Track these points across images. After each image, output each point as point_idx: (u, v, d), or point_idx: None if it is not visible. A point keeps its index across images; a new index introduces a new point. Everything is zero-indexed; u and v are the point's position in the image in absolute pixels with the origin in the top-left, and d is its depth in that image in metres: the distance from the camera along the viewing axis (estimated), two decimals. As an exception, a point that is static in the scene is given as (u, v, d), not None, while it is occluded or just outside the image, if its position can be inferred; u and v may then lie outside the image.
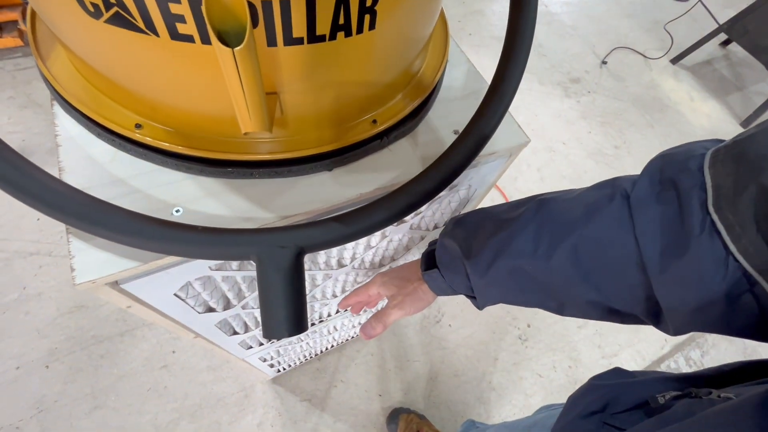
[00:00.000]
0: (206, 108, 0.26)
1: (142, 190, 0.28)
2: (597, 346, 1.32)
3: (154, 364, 1.07)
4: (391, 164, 0.33)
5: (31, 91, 1.43)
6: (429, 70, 0.36)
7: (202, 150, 0.28)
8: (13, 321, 1.06)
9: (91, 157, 0.28)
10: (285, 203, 0.29)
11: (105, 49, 0.24)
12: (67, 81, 0.29)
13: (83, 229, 0.23)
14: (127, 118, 0.28)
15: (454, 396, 1.16)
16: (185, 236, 0.24)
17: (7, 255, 1.14)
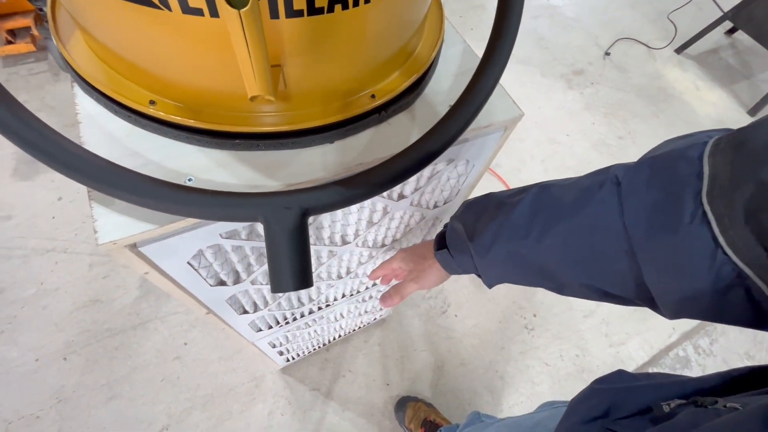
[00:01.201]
0: (215, 83, 0.28)
1: (157, 161, 0.30)
2: (604, 335, 1.32)
3: (167, 355, 1.10)
4: (390, 137, 0.35)
5: (44, 94, 1.47)
6: (425, 49, 0.38)
7: (212, 123, 0.29)
8: (32, 315, 1.10)
9: (109, 133, 0.30)
10: (289, 173, 0.31)
11: (121, 28, 0.26)
12: (85, 63, 0.31)
13: (104, 191, 0.25)
14: (141, 95, 0.30)
15: (461, 384, 1.17)
16: (197, 198, 0.26)
17: (25, 252, 1.18)
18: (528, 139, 1.72)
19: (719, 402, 0.28)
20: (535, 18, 2.22)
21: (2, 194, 1.25)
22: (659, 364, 1.30)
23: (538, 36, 2.13)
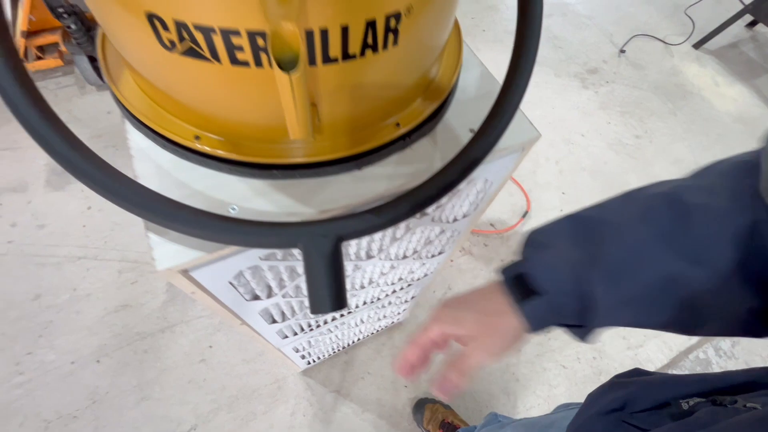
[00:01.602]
0: (255, 120, 0.31)
1: (202, 191, 0.33)
2: (621, 337, 1.31)
3: (193, 358, 1.14)
4: (413, 162, 0.37)
5: (71, 107, 1.54)
6: (445, 75, 0.40)
7: (251, 156, 0.32)
8: (67, 320, 1.15)
9: (158, 165, 0.33)
10: (322, 198, 0.33)
11: (173, 75, 0.28)
12: (135, 101, 0.34)
13: (162, 225, 0.28)
14: (187, 131, 0.33)
15: (478, 386, 1.18)
16: (244, 228, 0.28)
17: (58, 259, 1.23)
18: (542, 141, 1.71)
19: (739, 401, 0.28)
20: (548, 17, 2.20)
21: (36, 204, 1.32)
22: (679, 366, 1.29)
23: (551, 35, 2.12)
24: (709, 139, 1.84)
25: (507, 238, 1.45)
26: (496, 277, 0.35)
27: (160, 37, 0.25)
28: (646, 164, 1.71)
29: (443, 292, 1.32)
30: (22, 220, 1.29)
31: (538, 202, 1.54)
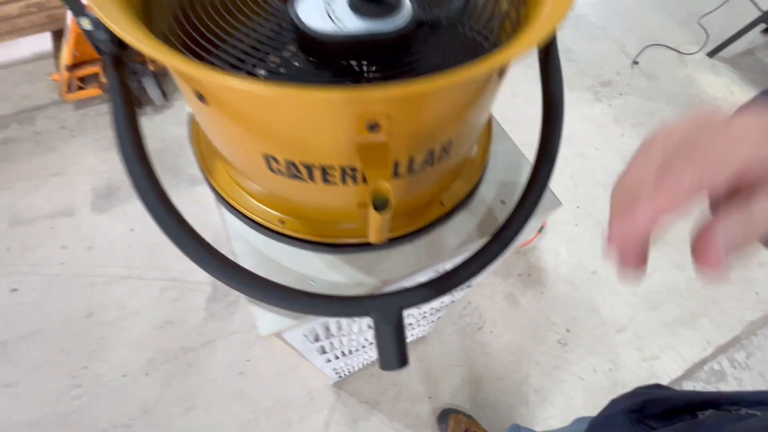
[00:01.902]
0: (333, 213, 0.38)
1: (287, 266, 0.40)
2: (637, 349, 1.36)
3: (233, 370, 1.23)
4: (454, 232, 0.44)
5: (110, 133, 1.64)
6: (480, 153, 0.47)
7: (327, 237, 0.40)
8: (117, 336, 1.26)
9: (251, 244, 0.41)
10: (383, 269, 0.41)
11: (271, 185, 0.36)
12: (228, 189, 0.42)
13: (265, 302, 0.35)
14: (273, 216, 0.40)
15: (498, 398, 1.25)
16: (328, 302, 0.36)
17: (107, 279, 1.34)
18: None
19: (743, 410, 0.33)
20: (560, 30, 2.24)
21: (84, 227, 1.42)
22: (694, 377, 1.33)
23: (563, 47, 2.15)
24: (724, 150, 1.86)
25: (524, 253, 1.51)
26: None
27: (270, 166, 0.32)
28: (660, 177, 1.74)
29: (463, 307, 1.38)
30: (72, 243, 1.40)
31: (553, 217, 1.59)
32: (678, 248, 1.55)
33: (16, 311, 1.27)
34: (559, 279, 1.46)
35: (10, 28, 1.65)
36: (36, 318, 1.26)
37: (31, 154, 1.57)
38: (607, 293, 1.45)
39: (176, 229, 0.33)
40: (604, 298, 1.44)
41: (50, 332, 1.25)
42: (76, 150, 1.59)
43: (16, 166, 1.54)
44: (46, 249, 1.38)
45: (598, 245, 1.54)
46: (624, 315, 1.41)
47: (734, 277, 1.51)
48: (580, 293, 1.44)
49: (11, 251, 1.37)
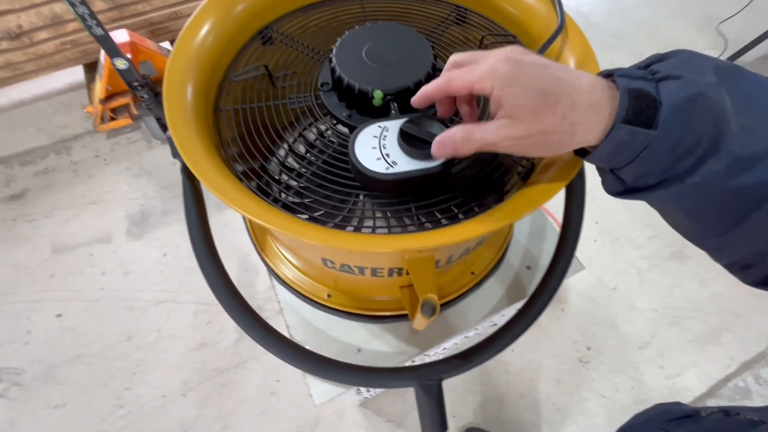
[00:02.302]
0: (376, 290, 0.42)
1: (335, 337, 0.45)
2: (659, 367, 1.37)
3: (264, 390, 1.29)
4: (485, 297, 0.48)
5: (142, 161, 1.73)
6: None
7: (370, 310, 0.44)
8: (155, 358, 1.33)
9: (301, 315, 0.46)
10: (422, 338, 0.45)
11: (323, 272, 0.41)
12: (279, 264, 0.47)
13: (321, 377, 0.40)
14: (321, 290, 0.45)
15: (521, 416, 1.28)
16: (378, 375, 0.40)
17: (143, 303, 1.42)
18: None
19: (741, 413, 0.37)
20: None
21: (121, 253, 1.51)
22: (717, 395, 1.33)
23: (578, 58, 2.15)
24: (746, 159, 1.84)
25: (543, 271, 1.52)
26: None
27: (325, 263, 0.37)
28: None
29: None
30: (110, 269, 1.48)
31: (571, 233, 1.60)
32: (700, 263, 1.55)
33: (62, 335, 1.36)
34: (580, 296, 1.48)
35: (47, 64, 1.75)
36: (80, 342, 1.35)
37: (70, 183, 1.66)
38: (628, 310, 1.46)
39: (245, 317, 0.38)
40: (625, 315, 1.45)
41: (94, 355, 1.33)
42: (111, 178, 1.68)
43: (57, 195, 1.64)
44: (86, 275, 1.46)
45: (618, 261, 1.55)
46: (645, 332, 1.42)
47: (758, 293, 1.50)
48: (600, 310, 1.45)
49: (55, 278, 1.46)
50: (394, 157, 0.30)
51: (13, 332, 1.36)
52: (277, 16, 0.44)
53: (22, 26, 1.55)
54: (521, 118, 0.24)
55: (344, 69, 0.33)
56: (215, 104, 0.37)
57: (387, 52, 0.35)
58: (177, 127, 0.31)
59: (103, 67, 1.54)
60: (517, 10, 0.41)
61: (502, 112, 0.25)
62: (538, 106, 0.24)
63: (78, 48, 1.74)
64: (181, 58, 0.34)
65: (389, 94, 0.33)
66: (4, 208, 1.60)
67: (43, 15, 1.56)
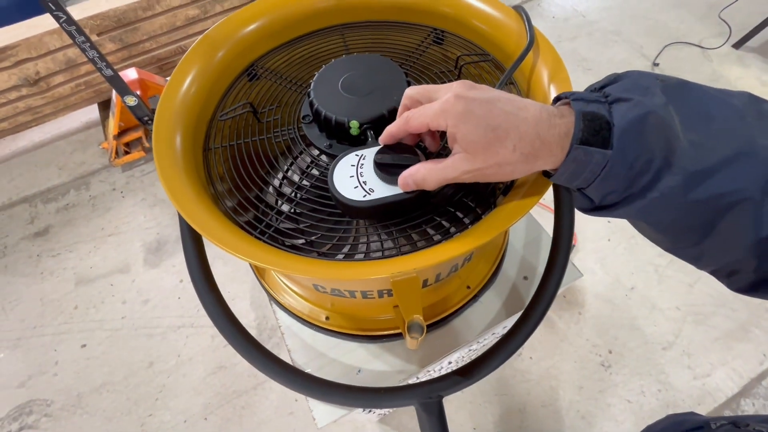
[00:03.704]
0: (371, 311, 0.43)
1: (335, 358, 0.46)
2: (686, 367, 1.32)
3: (283, 411, 1.30)
4: (483, 310, 0.48)
5: (156, 191, 1.79)
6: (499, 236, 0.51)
7: (367, 331, 0.45)
8: (176, 383, 1.35)
9: (301, 338, 0.47)
10: (422, 355, 0.45)
11: (317, 296, 0.42)
12: (278, 290, 0.48)
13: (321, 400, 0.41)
14: (319, 314, 0.46)
15: (544, 426, 1.24)
16: (378, 396, 0.40)
17: (163, 330, 1.45)
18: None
19: (751, 425, 0.35)
20: (573, 39, 2.23)
21: (139, 282, 1.55)
22: (752, 394, 1.27)
23: (579, 58, 2.14)
24: (762, 146, 1.78)
25: (556, 274, 1.50)
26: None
27: (317, 289, 0.38)
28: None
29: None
30: (130, 297, 1.53)
31: (584, 234, 1.58)
32: (721, 256, 1.50)
33: (87, 365, 1.40)
34: (597, 298, 1.45)
35: (64, 105, 1.84)
36: (105, 371, 1.39)
37: (89, 217, 1.73)
38: (648, 310, 1.42)
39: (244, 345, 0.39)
40: (645, 315, 1.41)
41: (117, 383, 1.36)
42: (127, 209, 1.74)
43: (78, 229, 1.71)
44: (107, 305, 1.51)
45: (634, 260, 1.51)
46: (669, 331, 1.37)
47: (786, 284, 1.44)
48: (619, 312, 1.42)
49: (78, 309, 1.51)
50: (371, 184, 0.31)
51: (41, 364, 1.41)
52: (262, 53, 0.46)
53: (40, 72, 1.64)
54: (475, 152, 0.26)
55: (321, 102, 0.35)
56: (205, 144, 0.39)
57: (362, 82, 0.36)
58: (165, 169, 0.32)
59: (115, 104, 1.62)
60: (490, 28, 0.42)
61: (458, 146, 0.27)
62: (490, 140, 0.26)
63: (92, 88, 1.83)
64: (167, 107, 0.36)
65: (365, 123, 0.34)
66: (29, 245, 1.68)
67: (59, 60, 1.65)
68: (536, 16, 2.35)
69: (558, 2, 2.43)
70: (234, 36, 0.44)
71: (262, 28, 0.45)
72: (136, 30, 1.71)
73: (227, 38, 0.43)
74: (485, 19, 0.42)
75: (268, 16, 0.44)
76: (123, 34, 1.69)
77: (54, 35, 1.58)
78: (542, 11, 2.39)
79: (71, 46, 1.63)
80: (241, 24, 0.44)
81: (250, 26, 0.44)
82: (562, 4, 2.41)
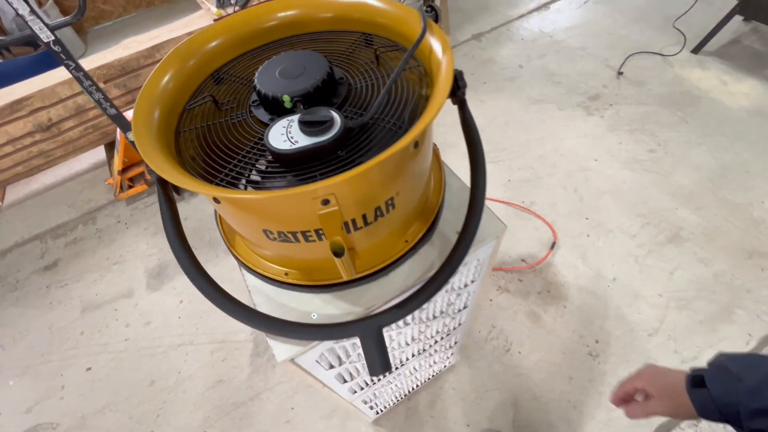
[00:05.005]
0: (321, 262, 0.51)
1: (295, 308, 0.53)
2: (673, 351, 1.34)
3: (279, 420, 1.33)
4: (420, 262, 0.55)
5: (157, 220, 1.90)
6: (434, 197, 0.59)
7: (320, 281, 0.52)
8: (176, 399, 1.39)
9: (265, 294, 0.54)
10: (367, 299, 0.53)
11: (271, 246, 0.50)
12: (246, 255, 0.56)
13: (281, 336, 0.48)
14: (279, 271, 0.54)
15: (537, 417, 1.26)
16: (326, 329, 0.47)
17: (164, 349, 1.51)
18: (557, 173, 1.84)
19: None
20: (542, 57, 2.39)
21: (141, 305, 1.63)
22: (741, 374, 1.28)
23: (548, 73, 2.29)
24: (728, 138, 1.87)
25: (540, 271, 1.55)
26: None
27: (267, 235, 0.46)
28: (666, 175, 1.77)
29: (488, 331, 1.43)
30: (132, 320, 1.60)
31: (563, 232, 1.64)
32: (697, 243, 1.55)
33: (92, 387, 1.45)
34: (580, 291, 1.49)
35: (74, 148, 2.00)
36: (108, 392, 1.44)
37: (96, 249, 1.84)
38: (631, 298, 1.45)
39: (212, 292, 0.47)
40: (629, 304, 1.44)
41: (120, 403, 1.41)
42: (131, 239, 1.85)
43: (85, 261, 1.81)
44: (111, 329, 1.58)
45: (614, 253, 1.56)
46: (653, 318, 1.41)
47: (765, 265, 1.48)
48: (603, 302, 1.46)
49: (84, 335, 1.58)
50: (296, 138, 0.40)
51: (48, 389, 1.46)
52: (225, 62, 0.57)
53: (52, 119, 1.81)
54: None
55: (263, 85, 0.45)
56: (177, 127, 0.49)
57: (294, 69, 0.46)
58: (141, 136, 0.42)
59: (119, 142, 1.76)
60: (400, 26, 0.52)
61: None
62: (669, 397, 0.48)
63: (99, 131, 1.99)
64: (150, 92, 0.47)
65: (295, 97, 0.44)
66: (39, 278, 1.78)
67: (69, 107, 1.82)
68: (506, 40, 2.54)
69: (526, 26, 2.62)
70: (200, 50, 0.55)
71: (223, 44, 0.56)
72: (139, 76, 1.89)
73: (195, 51, 0.54)
74: (393, 18, 0.53)
75: (225, 34, 0.56)
76: (126, 80, 1.87)
77: (65, 85, 1.76)
78: (511, 35, 2.57)
79: (80, 94, 1.80)
80: (205, 41, 0.55)
81: (212, 42, 0.56)
82: (529, 28, 2.61)
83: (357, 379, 0.75)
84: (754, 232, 1.57)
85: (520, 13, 2.73)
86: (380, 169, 0.41)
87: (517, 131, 2.03)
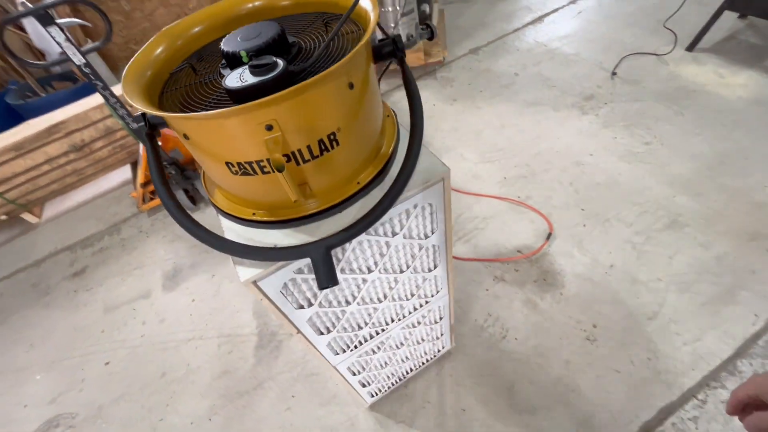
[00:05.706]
0: (279, 198, 0.59)
1: (260, 240, 0.60)
2: (675, 334, 1.31)
3: (280, 407, 1.36)
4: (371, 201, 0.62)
5: (174, 229, 2.04)
6: (387, 146, 0.67)
7: (281, 216, 0.60)
8: (185, 389, 1.46)
9: (237, 232, 0.62)
10: (322, 231, 0.60)
11: (236, 183, 0.58)
12: (222, 202, 0.65)
13: (240, 256, 0.55)
14: (248, 212, 0.62)
15: (534, 401, 1.24)
16: (281, 252, 0.55)
17: (176, 343, 1.59)
18: (553, 169, 1.88)
19: None
20: (537, 64, 2.48)
21: (157, 305, 1.74)
22: (749, 354, 1.24)
23: (543, 78, 2.37)
24: (726, 128, 1.87)
25: (535, 261, 1.57)
26: None
27: (230, 168, 0.55)
28: (663, 165, 1.78)
29: (484, 319, 1.44)
30: (149, 318, 1.70)
31: (559, 223, 1.66)
32: (697, 228, 1.53)
33: (109, 380, 1.54)
34: (577, 278, 1.49)
35: (103, 167, 2.20)
36: (124, 383, 1.52)
37: (119, 257, 1.98)
38: (629, 284, 1.44)
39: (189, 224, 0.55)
40: (627, 289, 1.43)
41: (134, 393, 1.49)
42: (151, 246, 1.99)
43: (109, 268, 1.95)
44: (129, 327, 1.69)
45: (611, 240, 1.56)
46: (652, 302, 1.39)
47: None
48: (600, 288, 1.45)
49: (105, 333, 1.69)
50: (246, 78, 0.49)
51: (70, 382, 1.56)
52: (207, 42, 0.69)
53: (84, 140, 2.02)
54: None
55: (226, 45, 0.55)
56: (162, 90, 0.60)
57: (252, 33, 0.56)
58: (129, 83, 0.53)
59: (142, 156, 1.94)
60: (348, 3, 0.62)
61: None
62: None
63: (126, 150, 2.20)
64: (142, 57, 0.58)
65: (250, 51, 0.54)
66: (68, 283, 1.93)
67: (99, 129, 2.03)
68: (502, 52, 2.65)
69: (521, 38, 2.74)
70: (186, 33, 0.66)
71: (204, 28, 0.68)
72: (160, 99, 2.09)
73: (181, 34, 0.66)
74: None
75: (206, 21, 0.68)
76: (150, 103, 2.07)
77: (96, 110, 1.98)
78: (507, 47, 2.69)
79: (108, 116, 2.01)
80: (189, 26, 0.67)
81: (196, 28, 0.67)
82: (525, 39, 2.72)
83: (334, 334, 0.80)
84: (757, 214, 1.54)
85: (516, 27, 2.85)
86: (315, 97, 0.49)
87: (513, 132, 2.09)
